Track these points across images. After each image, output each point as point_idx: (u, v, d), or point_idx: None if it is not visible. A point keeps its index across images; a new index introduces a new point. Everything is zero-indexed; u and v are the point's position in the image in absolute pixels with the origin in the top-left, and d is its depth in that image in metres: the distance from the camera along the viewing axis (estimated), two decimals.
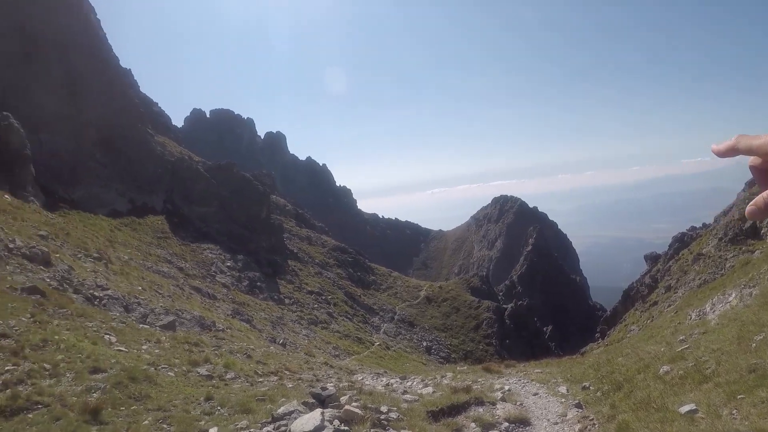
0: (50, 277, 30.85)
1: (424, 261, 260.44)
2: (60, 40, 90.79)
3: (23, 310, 22.18)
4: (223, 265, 79.43)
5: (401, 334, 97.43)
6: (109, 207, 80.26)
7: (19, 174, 69.62)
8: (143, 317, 32.34)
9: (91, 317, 25.54)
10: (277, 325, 67.05)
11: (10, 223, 40.40)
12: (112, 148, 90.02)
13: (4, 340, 18.05)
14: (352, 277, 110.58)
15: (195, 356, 22.85)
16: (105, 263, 46.67)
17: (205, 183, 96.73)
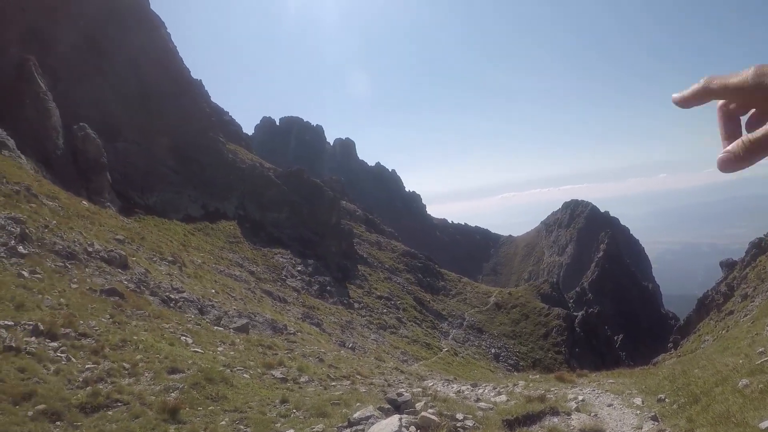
0: (128, 279, 31.53)
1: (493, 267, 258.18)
2: (132, 54, 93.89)
3: (103, 311, 22.66)
4: (294, 269, 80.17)
5: (470, 340, 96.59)
6: (183, 212, 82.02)
7: (96, 181, 71.72)
8: (217, 319, 32.77)
9: (167, 319, 26.00)
10: (347, 329, 67.22)
11: (88, 227, 41.45)
12: (185, 155, 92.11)
13: (85, 340, 18.42)
14: (422, 283, 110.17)
15: (269, 359, 23.00)
16: (179, 267, 47.54)
17: (276, 189, 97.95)
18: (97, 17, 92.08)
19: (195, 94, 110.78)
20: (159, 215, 76.33)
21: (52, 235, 31.46)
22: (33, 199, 38.92)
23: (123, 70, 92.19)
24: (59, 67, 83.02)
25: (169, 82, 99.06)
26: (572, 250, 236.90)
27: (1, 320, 17.45)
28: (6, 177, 41.80)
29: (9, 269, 23.64)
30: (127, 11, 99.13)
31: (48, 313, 19.86)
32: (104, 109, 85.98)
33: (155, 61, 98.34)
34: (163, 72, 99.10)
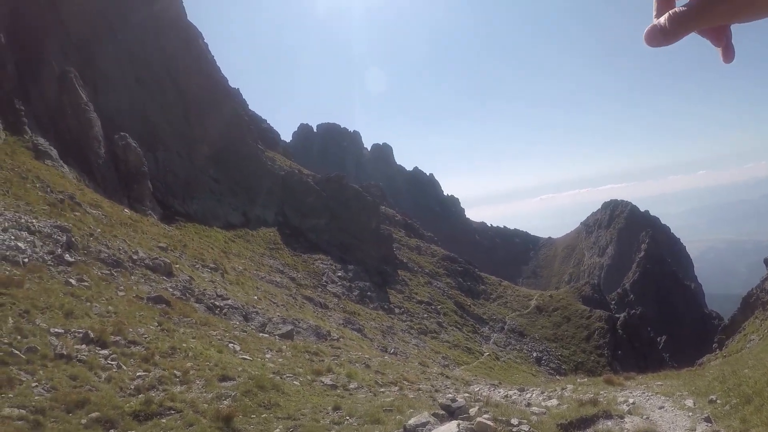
0: (173, 287, 31.60)
1: (533, 269, 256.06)
2: (171, 65, 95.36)
3: (150, 319, 22.64)
4: (334, 275, 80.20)
5: (511, 344, 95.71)
6: (223, 220, 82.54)
7: (138, 189, 72.53)
8: (262, 326, 32.68)
9: (214, 326, 25.95)
10: (387, 334, 66.94)
11: (132, 235, 41.72)
12: (225, 163, 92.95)
13: (135, 347, 18.38)
14: (462, 287, 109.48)
15: (317, 365, 22.81)
16: (221, 273, 47.69)
17: (315, 195, 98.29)
18: (135, 29, 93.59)
19: (233, 103, 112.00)
20: (200, 223, 76.87)
21: (98, 243, 31.63)
22: (77, 208, 39.26)
23: (162, 81, 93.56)
24: (99, 78, 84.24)
25: (207, 91, 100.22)
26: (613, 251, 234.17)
27: (51, 328, 17.43)
28: (50, 186, 42.28)
29: (57, 277, 23.72)
30: (164, 23, 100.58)
31: (97, 320, 19.84)
32: (144, 118, 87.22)
33: (193, 71, 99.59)
34: (202, 81, 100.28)
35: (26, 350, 14.86)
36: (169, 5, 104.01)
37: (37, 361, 14.57)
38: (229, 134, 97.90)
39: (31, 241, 26.73)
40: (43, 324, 17.54)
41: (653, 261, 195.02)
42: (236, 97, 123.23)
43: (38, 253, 25.63)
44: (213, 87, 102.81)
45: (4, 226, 27.01)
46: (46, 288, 21.27)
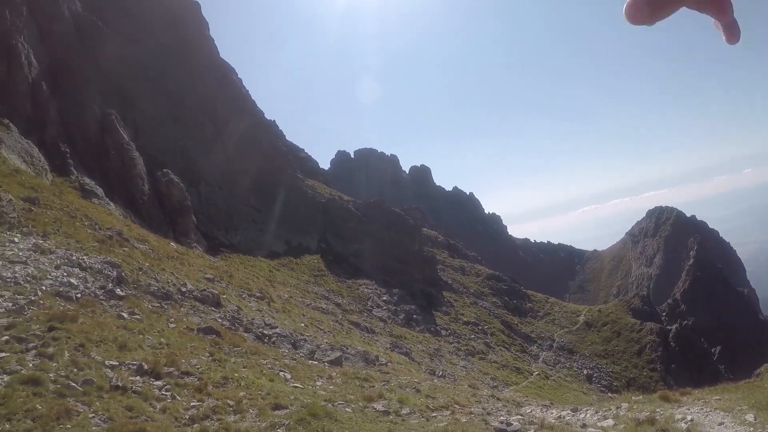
0: (221, 317, 31.94)
1: (580, 284, 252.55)
2: (207, 102, 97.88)
3: (202, 350, 22.87)
4: (379, 299, 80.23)
5: (560, 362, 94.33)
6: (267, 249, 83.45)
7: (182, 223, 73.81)
8: (311, 353, 32.77)
9: (264, 355, 26.09)
10: (435, 356, 66.61)
11: (179, 268, 42.33)
12: (266, 194, 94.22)
13: (188, 378, 18.57)
14: (508, 306, 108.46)
15: (368, 391, 22.77)
16: (267, 302, 48.03)
17: (356, 221, 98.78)
18: (170, 69, 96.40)
19: (270, 135, 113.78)
20: (244, 253, 77.82)
21: (147, 277, 32.17)
22: (125, 243, 39.97)
23: (199, 118, 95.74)
24: (139, 118, 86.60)
25: (244, 125, 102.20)
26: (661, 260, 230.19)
27: (106, 360, 17.75)
28: (98, 223, 43.13)
29: (109, 311, 24.17)
30: (198, 62, 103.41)
31: (150, 352, 20.14)
32: (185, 155, 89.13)
33: (229, 107, 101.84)
34: (238, 116, 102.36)
35: (83, 382, 15.19)
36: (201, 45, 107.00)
37: (93, 393, 14.85)
38: (268, 165, 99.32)
39: (82, 277, 27.34)
40: (98, 357, 17.89)
41: (703, 268, 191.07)
42: (273, 128, 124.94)
43: (90, 289, 26.20)
44: (249, 120, 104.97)
45: (56, 264, 27.69)
46: (100, 322, 21.68)
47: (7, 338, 17.86)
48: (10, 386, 14.14)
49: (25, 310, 20.86)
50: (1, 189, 37.94)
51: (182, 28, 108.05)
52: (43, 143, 65.21)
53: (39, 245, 29.96)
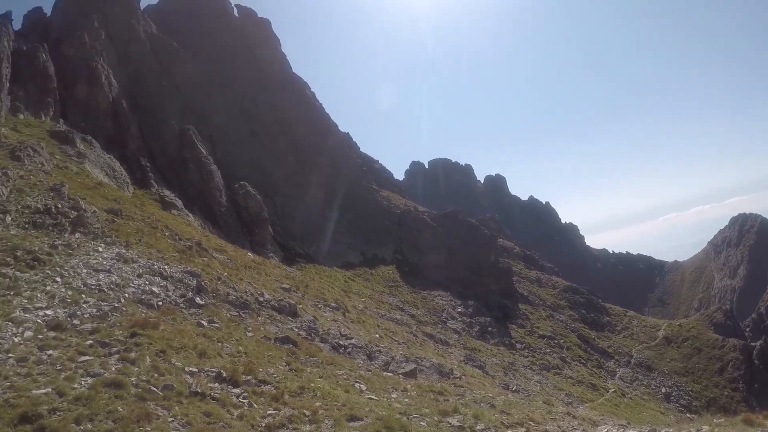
0: (298, 327, 32.24)
1: (660, 297, 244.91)
2: (281, 116, 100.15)
3: (279, 359, 23.09)
4: (454, 311, 79.73)
5: (638, 379, 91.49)
6: (342, 259, 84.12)
7: (259, 234, 75.10)
8: (386, 365, 32.74)
9: (339, 365, 26.17)
10: (509, 371, 65.71)
11: (256, 278, 42.99)
12: (341, 205, 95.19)
13: (265, 386, 18.74)
14: (585, 319, 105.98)
15: (443, 405, 22.54)
16: (342, 312, 48.26)
17: (431, 232, 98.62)
18: (244, 86, 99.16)
19: (345, 146, 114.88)
20: (320, 263, 78.63)
21: (225, 287, 32.79)
22: (204, 254, 40.83)
23: (274, 131, 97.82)
24: (215, 133, 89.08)
25: (318, 137, 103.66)
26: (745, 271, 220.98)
27: (186, 367, 18.21)
28: (178, 234, 44.19)
29: (189, 319, 24.75)
30: (272, 77, 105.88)
31: (229, 360, 20.48)
32: (261, 167, 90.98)
33: (303, 120, 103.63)
34: (312, 129, 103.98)
35: (163, 387, 15.57)
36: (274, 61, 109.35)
37: (173, 398, 15.17)
38: (343, 177, 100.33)
39: (164, 285, 28.10)
40: (178, 363, 18.34)
41: None
42: (347, 140, 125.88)
43: (171, 297, 26.92)
44: (323, 133, 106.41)
45: (138, 272, 28.53)
46: (180, 329, 22.19)
47: (91, 342, 18.49)
48: (93, 388, 14.58)
49: (109, 316, 21.55)
50: (86, 201, 39.23)
51: (255, 45, 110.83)
52: (125, 158, 67.69)
53: (122, 254, 30.87)
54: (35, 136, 55.00)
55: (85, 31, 78.06)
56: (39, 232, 31.23)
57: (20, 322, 19.45)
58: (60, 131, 59.55)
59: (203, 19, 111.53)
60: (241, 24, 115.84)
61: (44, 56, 69.45)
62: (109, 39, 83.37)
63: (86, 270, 26.68)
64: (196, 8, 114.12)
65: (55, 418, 12.90)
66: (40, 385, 14.62)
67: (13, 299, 21.49)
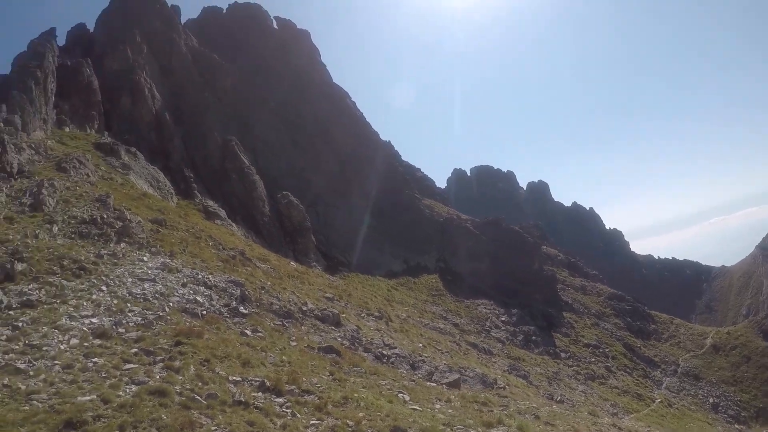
0: (341, 336, 32.17)
1: (707, 303, 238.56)
2: (322, 125, 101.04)
3: (322, 368, 23.00)
4: (498, 319, 79.05)
5: (685, 389, 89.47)
6: (385, 268, 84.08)
7: (302, 243, 75.43)
8: (429, 375, 32.48)
9: (383, 375, 25.98)
10: (553, 380, 64.86)
11: (299, 287, 43.09)
12: (384, 214, 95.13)
13: (308, 396, 18.65)
14: (631, 327, 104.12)
15: (487, 416, 22.23)
16: (386, 321, 48.11)
17: (474, 240, 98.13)
18: (286, 97, 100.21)
19: (387, 155, 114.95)
20: (362, 272, 78.58)
21: (269, 296, 32.90)
22: (247, 263, 41.07)
23: (316, 141, 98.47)
24: (258, 144, 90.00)
25: (360, 146, 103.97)
26: None
27: (230, 376, 18.28)
28: (222, 243, 44.52)
29: (233, 328, 24.87)
30: (312, 88, 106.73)
31: (272, 369, 20.46)
32: (303, 177, 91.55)
33: (344, 129, 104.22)
34: (354, 138, 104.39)
35: (207, 396, 15.61)
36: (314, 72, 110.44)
37: (216, 407, 15.20)
38: (385, 185, 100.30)
39: (208, 294, 28.31)
40: (222, 372, 18.39)
41: None
42: (389, 149, 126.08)
43: (215, 306, 27.09)
44: (365, 142, 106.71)
45: (183, 282, 28.80)
46: (224, 338, 22.28)
47: (136, 350, 18.66)
48: (137, 396, 14.66)
49: (154, 324, 21.73)
50: (131, 211, 39.77)
51: (294, 56, 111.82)
52: (168, 169, 68.68)
53: (167, 264, 31.17)
54: (81, 148, 56.05)
55: (127, 46, 79.57)
56: (85, 241, 31.72)
57: (66, 329, 19.75)
58: (105, 143, 60.60)
59: (243, 31, 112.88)
60: (280, 36, 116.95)
61: (88, 71, 70.87)
62: (151, 53, 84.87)
63: (131, 279, 27.01)
64: (235, 21, 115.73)
65: (99, 424, 12.98)
66: (85, 392, 14.76)
67: (59, 307, 21.84)
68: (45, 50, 65.26)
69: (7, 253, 27.02)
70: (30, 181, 40.50)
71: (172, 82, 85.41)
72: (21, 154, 46.13)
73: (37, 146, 50.30)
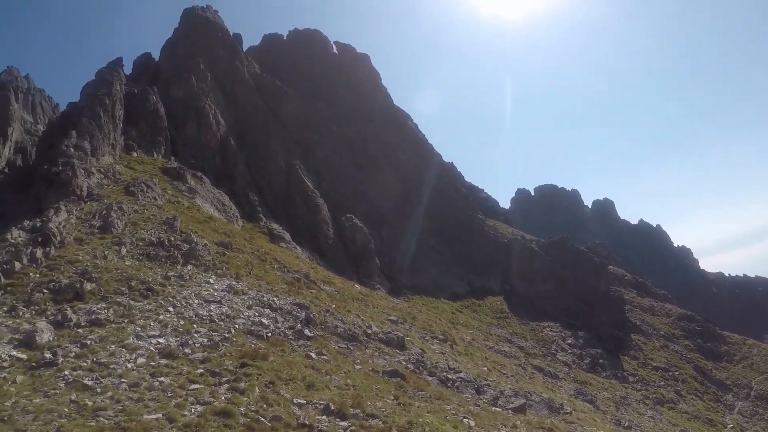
0: (406, 360, 31.88)
1: None
2: (385, 148, 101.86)
3: (386, 392, 22.77)
4: (564, 342, 77.63)
5: (758, 413, 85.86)
6: (449, 290, 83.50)
7: (366, 265, 75.54)
8: (494, 399, 31.96)
9: (447, 400, 25.62)
10: (621, 405, 63.20)
11: (363, 310, 43.00)
12: (448, 235, 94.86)
13: (372, 420, 18.46)
14: (702, 349, 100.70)
15: None
16: (450, 345, 47.65)
17: (539, 260, 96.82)
18: (348, 120, 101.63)
19: (449, 177, 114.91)
20: (426, 294, 78.14)
21: (334, 319, 32.91)
22: (312, 286, 41.23)
23: (378, 163, 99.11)
24: (321, 167, 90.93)
25: (422, 168, 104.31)
26: None
27: (294, 398, 18.35)
28: (287, 266, 44.84)
29: (297, 351, 24.90)
30: (374, 111, 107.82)
31: (336, 393, 20.37)
32: (367, 199, 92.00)
33: (407, 152, 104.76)
34: (416, 160, 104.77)
35: (271, 418, 15.69)
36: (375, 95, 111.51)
37: (280, 429, 15.32)
38: (449, 207, 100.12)
39: (273, 317, 28.49)
40: (286, 394, 18.41)
41: None
42: (451, 170, 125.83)
43: (280, 328, 27.22)
44: (427, 164, 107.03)
45: (248, 304, 29.07)
46: (289, 361, 22.31)
47: (201, 371, 18.86)
48: (202, 416, 14.77)
49: (219, 346, 21.93)
50: (197, 234, 40.40)
51: (355, 80, 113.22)
52: (233, 193, 69.80)
53: (232, 286, 31.50)
54: (148, 172, 57.35)
55: (192, 74, 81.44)
56: (153, 263, 32.35)
57: (133, 348, 20.13)
58: (171, 168, 61.91)
59: (304, 57, 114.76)
60: (340, 60, 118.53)
61: (155, 98, 72.66)
62: (215, 80, 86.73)
63: (198, 301, 27.40)
64: (296, 47, 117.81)
65: None
66: (151, 411, 14.96)
67: (127, 327, 22.28)
68: (112, 78, 67.29)
69: (77, 273, 27.83)
70: (99, 204, 41.69)
71: (235, 107, 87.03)
72: (91, 178, 47.44)
73: (106, 171, 51.69)
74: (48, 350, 19.53)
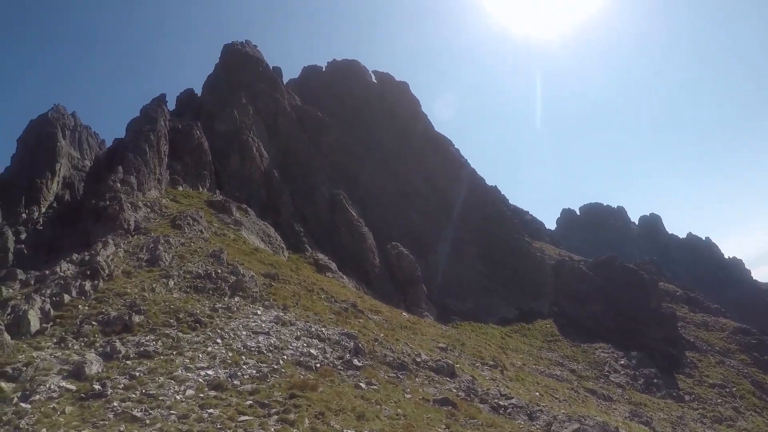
0: (456, 387, 31.46)
1: None
2: (428, 174, 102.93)
3: (438, 421, 22.45)
4: (617, 363, 76.14)
5: None
6: (498, 315, 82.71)
7: (413, 293, 75.31)
8: (548, 425, 31.34)
9: (500, 427, 25.19)
10: (678, 425, 61.69)
11: (412, 337, 42.72)
12: (494, 260, 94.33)
13: None
14: (759, 363, 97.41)
15: None
16: (500, 370, 47.04)
17: (588, 281, 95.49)
18: (390, 148, 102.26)
19: (494, 200, 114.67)
20: (475, 320, 77.47)
21: (382, 348, 32.69)
22: (360, 315, 41.10)
23: (422, 190, 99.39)
24: (365, 196, 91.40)
25: (467, 193, 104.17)
26: None
27: (344, 429, 18.16)
28: (334, 296, 44.83)
29: (347, 381, 24.71)
30: (416, 138, 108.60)
31: (387, 423, 20.12)
32: (412, 226, 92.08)
33: (450, 177, 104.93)
34: (460, 185, 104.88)
35: None
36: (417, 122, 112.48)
37: None
38: (494, 231, 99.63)
39: (321, 347, 28.43)
40: (336, 425, 18.24)
41: None
42: (495, 194, 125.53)
43: (329, 359, 27.11)
44: (471, 189, 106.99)
45: (296, 335, 29.06)
46: (338, 391, 22.12)
47: (251, 403, 18.82)
48: None
49: (268, 377, 21.88)
50: (244, 266, 40.66)
51: (396, 108, 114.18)
52: (278, 224, 70.38)
53: (280, 317, 31.56)
54: (194, 206, 58.19)
55: (234, 108, 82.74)
56: (200, 295, 32.62)
57: (182, 380, 20.18)
58: (217, 201, 62.70)
59: (343, 87, 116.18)
60: (380, 88, 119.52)
61: (198, 132, 73.91)
62: (257, 113, 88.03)
63: (246, 332, 27.49)
64: (335, 78, 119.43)
65: None
66: None
67: (175, 358, 22.38)
68: (157, 114, 68.80)
69: (125, 306, 28.20)
70: (146, 237, 42.34)
71: (278, 139, 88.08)
72: (137, 212, 48.27)
73: (152, 204, 52.57)
74: (97, 381, 19.80)
